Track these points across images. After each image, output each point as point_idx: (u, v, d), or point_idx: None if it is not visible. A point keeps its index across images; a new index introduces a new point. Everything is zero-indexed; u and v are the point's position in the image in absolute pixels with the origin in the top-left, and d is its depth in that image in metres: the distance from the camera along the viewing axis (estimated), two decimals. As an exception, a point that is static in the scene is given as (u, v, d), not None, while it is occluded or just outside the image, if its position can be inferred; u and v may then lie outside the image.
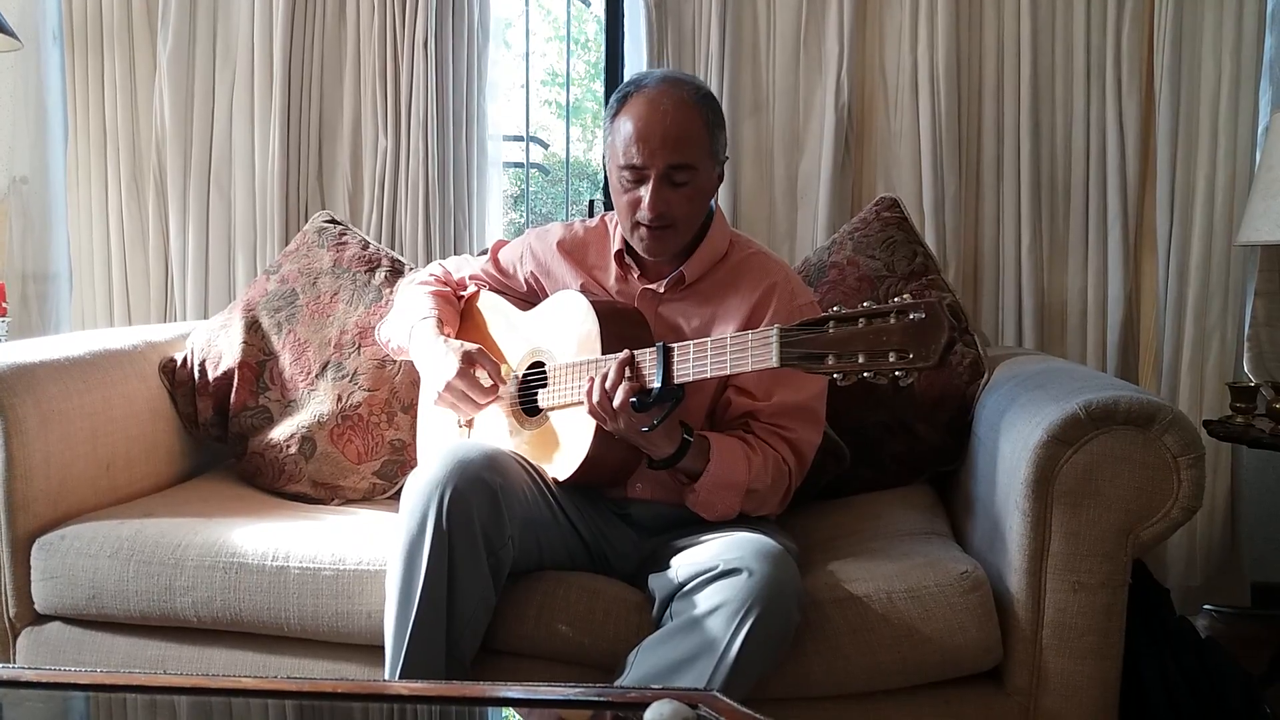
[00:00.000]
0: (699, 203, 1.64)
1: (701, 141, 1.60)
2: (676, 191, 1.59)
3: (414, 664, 1.43)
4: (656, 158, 1.57)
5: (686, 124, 1.58)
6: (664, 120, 1.57)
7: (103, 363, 1.96)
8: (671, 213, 1.60)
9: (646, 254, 1.67)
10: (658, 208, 1.59)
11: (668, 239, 1.64)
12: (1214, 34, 2.39)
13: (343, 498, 2.06)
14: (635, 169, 1.59)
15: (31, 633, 1.77)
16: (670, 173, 1.58)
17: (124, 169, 2.67)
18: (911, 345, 1.17)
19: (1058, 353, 2.46)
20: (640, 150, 1.57)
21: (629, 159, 1.59)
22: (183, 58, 2.62)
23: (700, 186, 1.62)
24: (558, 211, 3.80)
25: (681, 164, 1.58)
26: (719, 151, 1.65)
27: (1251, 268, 2.41)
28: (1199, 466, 1.42)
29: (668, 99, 1.59)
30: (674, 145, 1.57)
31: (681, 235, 1.65)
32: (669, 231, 1.62)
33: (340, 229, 2.28)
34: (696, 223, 1.67)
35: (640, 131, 1.57)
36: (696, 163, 1.59)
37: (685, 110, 1.58)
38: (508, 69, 2.84)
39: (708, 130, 1.61)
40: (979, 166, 2.48)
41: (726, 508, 1.58)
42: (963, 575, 1.49)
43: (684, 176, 1.59)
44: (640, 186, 1.59)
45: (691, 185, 1.60)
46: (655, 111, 1.58)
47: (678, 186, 1.59)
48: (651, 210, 1.59)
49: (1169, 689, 1.69)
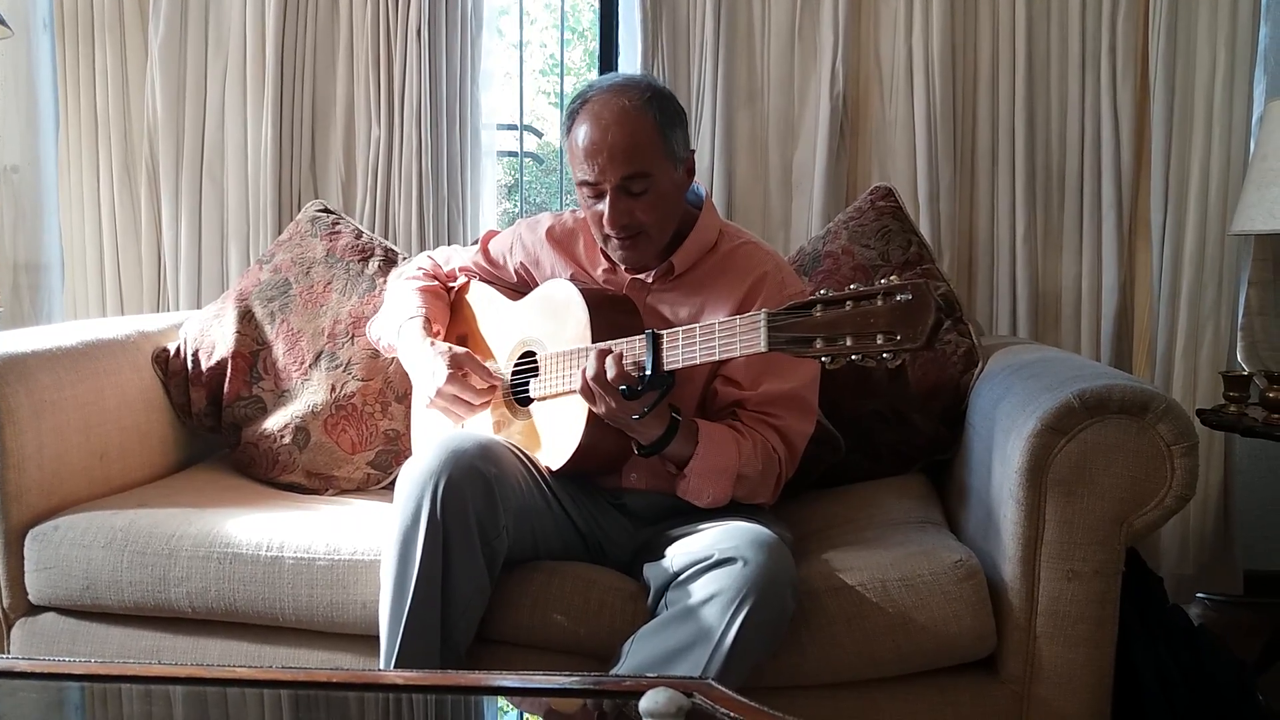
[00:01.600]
0: (664, 207, 1.62)
1: (652, 146, 1.57)
2: (636, 200, 1.58)
3: (409, 653, 1.43)
4: (607, 173, 1.56)
5: (634, 133, 1.55)
6: (607, 134, 1.55)
7: (95, 353, 1.95)
8: (636, 221, 1.59)
9: (623, 264, 1.67)
10: (618, 220, 1.58)
11: (641, 246, 1.63)
12: (1209, 23, 2.39)
13: (337, 488, 2.06)
14: (590, 185, 1.58)
15: (26, 623, 1.77)
16: (625, 184, 1.56)
17: (115, 158, 2.66)
18: (899, 327, 1.16)
19: (1052, 342, 2.46)
20: (590, 167, 1.56)
21: (583, 175, 1.58)
22: (174, 46, 2.61)
23: (660, 191, 1.60)
24: (552, 201, 3.79)
25: (634, 174, 1.56)
26: (677, 149, 1.61)
27: (1245, 257, 2.42)
28: (1192, 455, 1.43)
29: (609, 110, 1.56)
30: (623, 157, 1.55)
31: (655, 240, 1.64)
32: (640, 239, 1.62)
33: (333, 218, 2.27)
34: (668, 225, 1.65)
35: (587, 149, 1.56)
36: (650, 169, 1.57)
37: (629, 120, 1.56)
38: (501, 58, 2.83)
39: (659, 133, 1.58)
40: (974, 155, 2.48)
41: (718, 493, 1.57)
42: (957, 564, 1.50)
43: (640, 185, 1.57)
44: (599, 201, 1.59)
45: (651, 192, 1.58)
46: (598, 126, 1.56)
47: (636, 196, 1.58)
48: (612, 225, 1.58)
49: (1162, 677, 1.70)
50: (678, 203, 1.66)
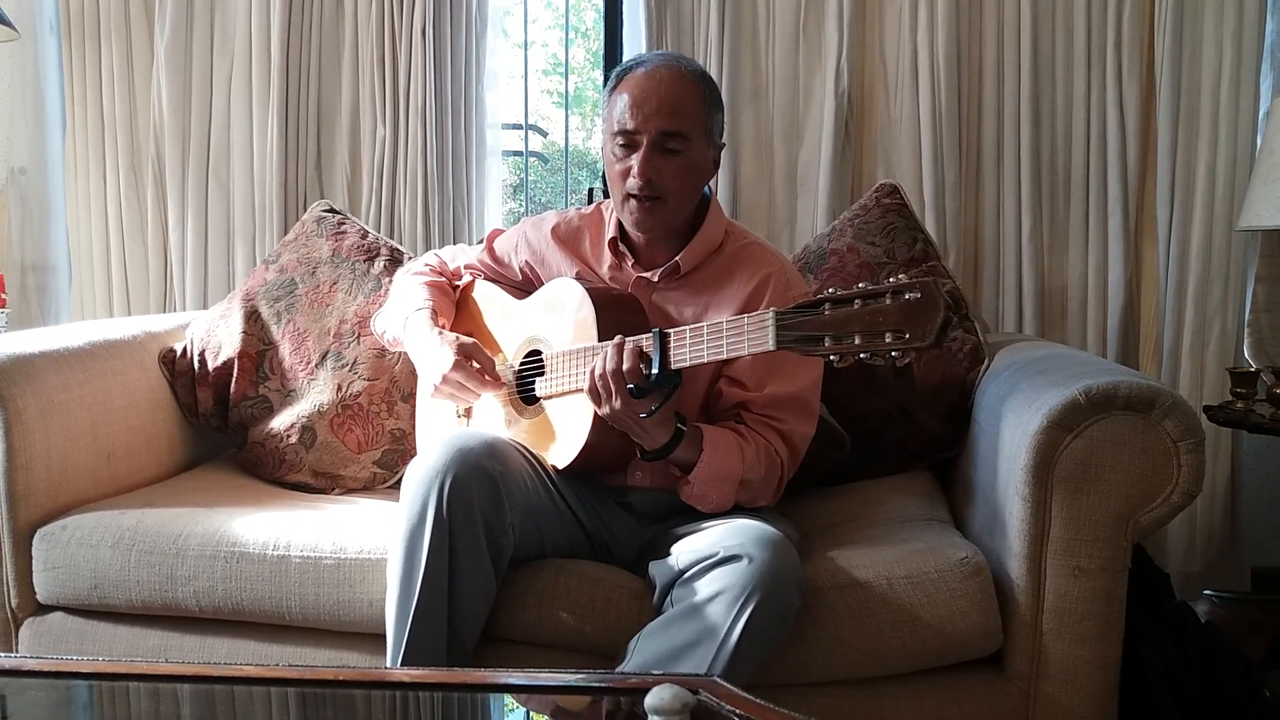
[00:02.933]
0: (691, 178, 1.63)
1: (696, 113, 1.60)
2: (668, 160, 1.59)
3: (416, 652, 1.43)
4: (649, 122, 1.57)
5: (683, 93, 1.59)
6: (659, 88, 1.58)
7: (102, 353, 1.96)
8: (662, 182, 1.59)
9: (636, 228, 1.66)
10: (647, 173, 1.58)
11: (657, 212, 1.62)
12: (1215, 19, 2.38)
13: (343, 487, 2.06)
14: (628, 134, 1.59)
15: (34, 623, 1.77)
16: (663, 139, 1.58)
17: (122, 159, 2.67)
18: (908, 325, 1.16)
19: (1058, 338, 2.46)
20: (634, 115, 1.58)
21: (622, 125, 1.60)
22: (180, 47, 2.62)
23: (692, 160, 1.61)
24: (557, 200, 3.79)
25: (674, 131, 1.58)
26: (714, 130, 1.64)
27: (1252, 253, 2.41)
28: (1199, 452, 1.42)
29: (665, 70, 1.61)
30: (669, 111, 1.58)
31: (672, 211, 1.63)
32: (659, 204, 1.61)
33: (339, 218, 2.28)
34: (688, 201, 1.66)
35: (635, 98, 1.59)
36: (690, 133, 1.59)
37: (682, 81, 1.60)
38: (506, 58, 2.83)
39: (704, 105, 1.61)
40: (979, 153, 2.48)
41: (721, 499, 1.58)
42: (963, 561, 1.50)
43: (677, 144, 1.59)
44: (631, 155, 1.60)
45: (684, 156, 1.60)
46: (651, 80, 1.60)
47: (670, 155, 1.59)
48: (641, 176, 1.58)
49: (1169, 674, 1.69)
50: (700, 182, 1.67)
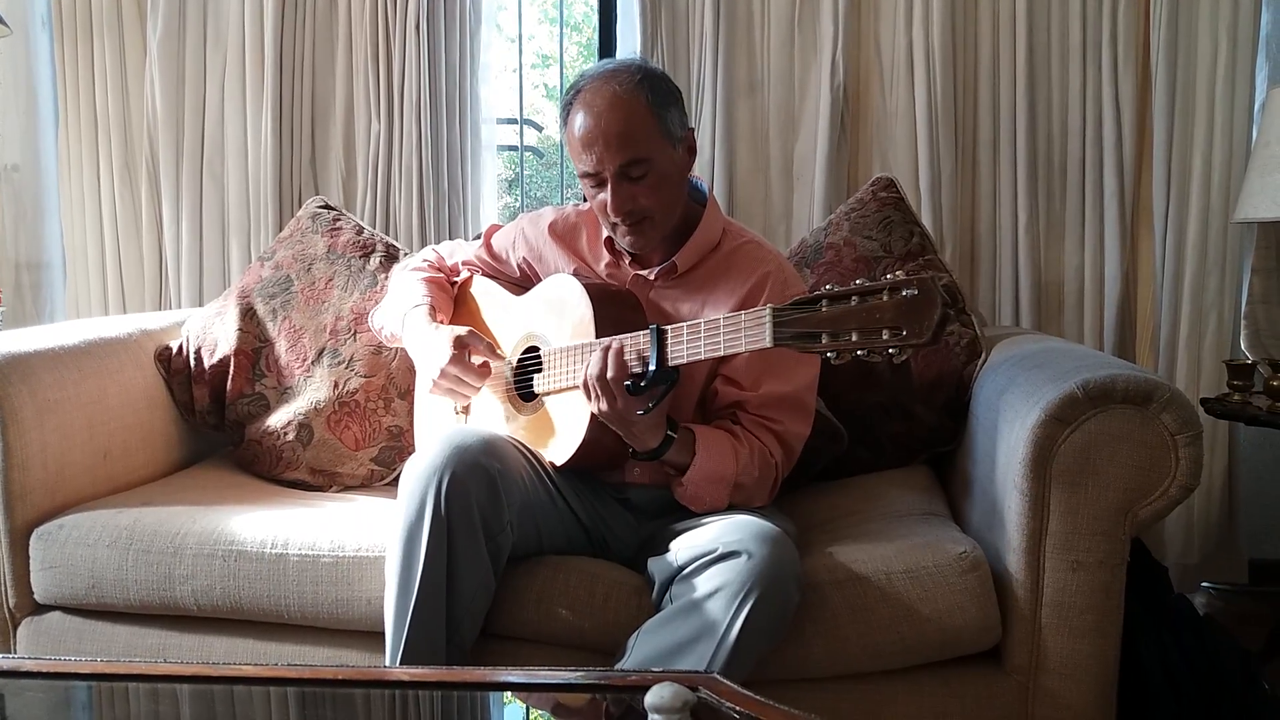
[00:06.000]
0: (666, 189, 1.61)
1: (646, 130, 1.57)
2: (637, 185, 1.58)
3: (414, 650, 1.43)
4: (604, 161, 1.56)
5: (627, 118, 1.55)
6: (600, 122, 1.55)
7: (98, 351, 1.95)
8: (639, 206, 1.59)
9: (631, 249, 1.67)
10: (622, 207, 1.58)
11: (647, 230, 1.62)
12: (1210, 10, 2.37)
13: (341, 484, 2.06)
14: (590, 175, 1.59)
15: (31, 623, 1.77)
16: (624, 170, 1.56)
17: (116, 156, 2.66)
18: (905, 322, 1.16)
19: (1055, 332, 2.46)
20: (588, 157, 1.56)
21: (583, 166, 1.59)
22: (173, 43, 2.60)
23: (661, 173, 1.59)
24: (552, 194, 3.79)
25: (631, 160, 1.56)
26: (673, 130, 1.60)
27: (1248, 245, 2.41)
28: (1196, 444, 1.42)
29: (601, 98, 1.56)
30: (618, 144, 1.55)
31: (660, 224, 1.63)
32: (646, 223, 1.61)
33: (334, 214, 2.27)
34: (673, 207, 1.64)
35: (583, 139, 1.56)
36: (647, 153, 1.57)
37: (621, 105, 1.55)
38: (499, 52, 2.83)
39: (653, 115, 1.57)
40: (975, 146, 2.47)
41: (714, 500, 1.58)
42: (961, 555, 1.50)
43: (639, 170, 1.57)
44: (601, 190, 1.59)
45: (651, 175, 1.58)
46: (591, 115, 1.56)
47: (636, 181, 1.57)
48: (615, 212, 1.58)
49: (1167, 667, 1.70)
50: (680, 183, 1.66)
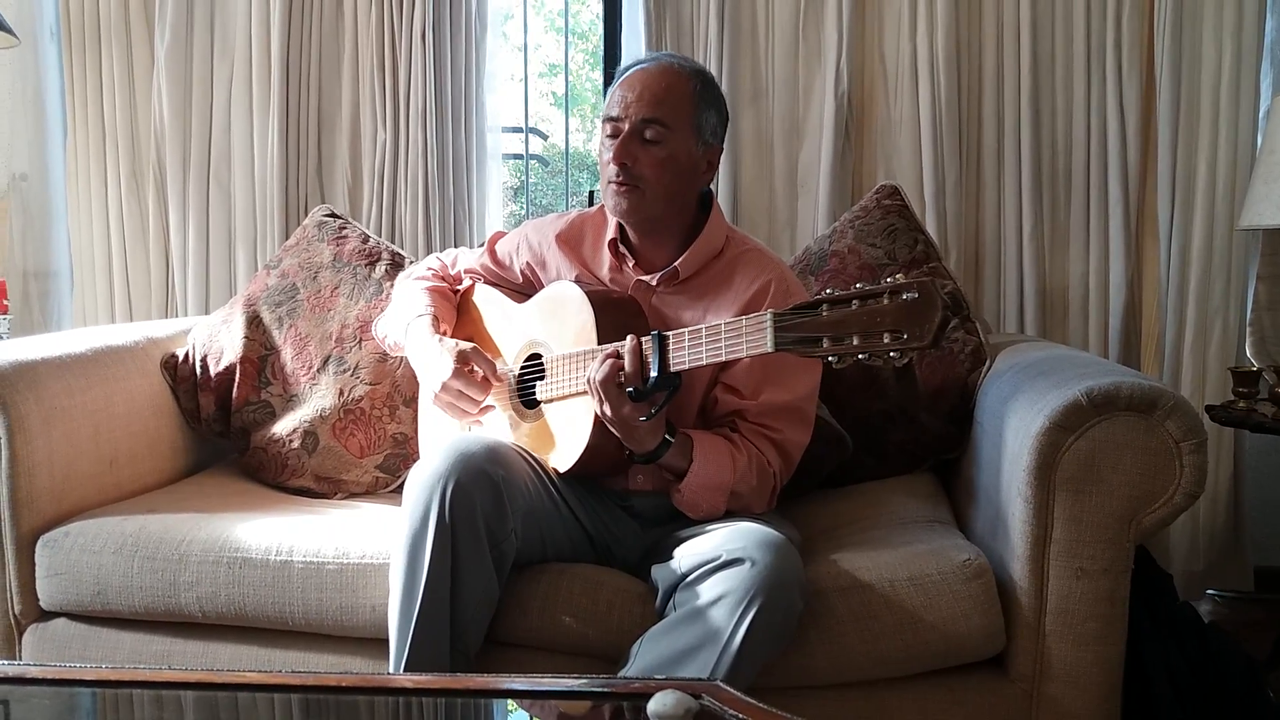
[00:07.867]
0: (669, 170, 1.61)
1: (682, 105, 1.61)
2: (646, 150, 1.60)
3: (418, 657, 1.43)
4: (631, 109, 1.60)
5: (670, 84, 1.61)
6: (648, 79, 1.61)
7: (104, 359, 1.96)
8: (639, 170, 1.60)
9: (614, 212, 1.67)
10: (622, 158, 1.59)
11: (633, 199, 1.62)
12: (1214, 18, 2.38)
13: (345, 492, 2.06)
14: (613, 121, 1.62)
15: (37, 629, 1.78)
16: (642, 126, 1.59)
17: (123, 165, 2.67)
18: (906, 325, 1.16)
19: (1059, 339, 2.45)
20: (620, 103, 1.61)
21: (609, 112, 1.63)
22: (180, 53, 2.62)
23: (672, 152, 1.60)
24: (558, 203, 3.80)
25: (655, 118, 1.59)
26: (703, 128, 1.63)
27: (1253, 252, 2.41)
28: (1201, 452, 1.42)
29: (657, 65, 1.64)
30: (650, 100, 1.59)
31: (649, 202, 1.63)
32: (635, 192, 1.61)
33: (340, 223, 2.28)
34: (668, 195, 1.64)
35: (623, 83, 1.63)
36: (671, 123, 1.59)
37: (673, 74, 1.62)
38: (505, 60, 2.84)
39: (693, 100, 1.61)
40: (979, 153, 2.48)
41: (711, 507, 1.58)
42: (965, 563, 1.50)
43: (655, 134, 1.59)
44: (615, 141, 1.61)
45: (663, 146, 1.60)
46: (643, 73, 1.63)
47: (648, 144, 1.60)
48: (616, 161, 1.60)
49: (1172, 674, 1.69)
50: (686, 178, 1.65)
